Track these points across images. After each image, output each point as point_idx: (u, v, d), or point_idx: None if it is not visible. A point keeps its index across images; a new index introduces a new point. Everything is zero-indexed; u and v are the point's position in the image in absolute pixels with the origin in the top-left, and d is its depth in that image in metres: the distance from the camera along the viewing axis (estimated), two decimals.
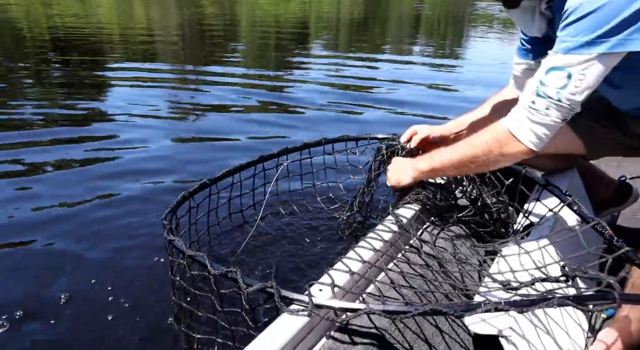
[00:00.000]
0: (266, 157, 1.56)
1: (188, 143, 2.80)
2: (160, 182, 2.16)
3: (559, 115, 0.96)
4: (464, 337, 0.99)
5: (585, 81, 0.91)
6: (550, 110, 0.95)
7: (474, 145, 1.09)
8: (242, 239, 1.52)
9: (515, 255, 1.08)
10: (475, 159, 1.08)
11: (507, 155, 1.04)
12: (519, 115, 1.01)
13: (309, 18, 12.21)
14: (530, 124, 0.99)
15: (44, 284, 1.42)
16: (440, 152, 1.20)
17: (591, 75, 0.91)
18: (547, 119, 0.96)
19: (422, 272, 1.04)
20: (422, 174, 1.24)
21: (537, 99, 0.96)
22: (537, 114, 0.97)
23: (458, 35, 10.72)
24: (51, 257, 1.55)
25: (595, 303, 0.73)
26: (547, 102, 0.95)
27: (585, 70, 0.90)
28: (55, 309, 1.31)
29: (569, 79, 0.92)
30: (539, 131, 0.99)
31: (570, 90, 0.92)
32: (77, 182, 2.14)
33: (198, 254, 0.93)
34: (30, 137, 2.69)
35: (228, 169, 1.45)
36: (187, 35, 8.13)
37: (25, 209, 1.86)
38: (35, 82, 4.19)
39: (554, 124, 0.97)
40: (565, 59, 0.92)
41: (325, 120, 3.34)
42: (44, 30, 7.48)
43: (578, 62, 0.90)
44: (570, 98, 0.93)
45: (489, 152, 1.05)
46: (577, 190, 1.37)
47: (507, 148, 1.03)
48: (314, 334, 0.81)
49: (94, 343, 1.20)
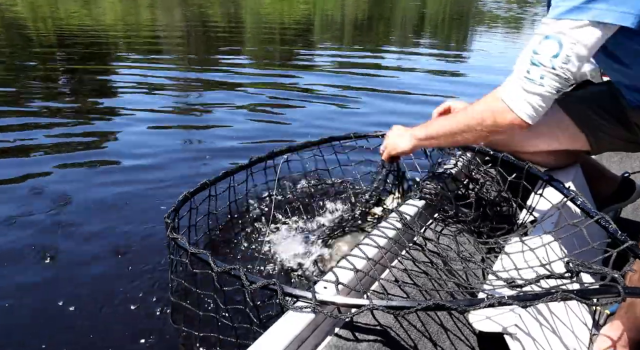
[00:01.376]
0: (264, 156, 1.55)
1: (191, 141, 2.81)
2: (160, 182, 2.17)
3: (554, 85, 0.94)
4: (468, 334, 0.99)
5: (577, 50, 0.90)
6: (544, 79, 0.94)
7: (468, 115, 1.08)
8: (245, 238, 1.52)
9: (519, 252, 1.08)
10: (469, 128, 1.07)
11: (501, 126, 1.02)
12: (513, 86, 0.99)
13: (313, 18, 12.26)
14: (525, 95, 0.97)
15: (39, 282, 1.42)
16: (438, 120, 1.21)
17: (582, 44, 0.90)
18: (541, 89, 0.95)
19: (426, 270, 1.04)
20: (419, 141, 1.23)
21: (532, 67, 0.95)
22: (531, 83, 0.95)
23: (463, 33, 10.72)
24: (47, 258, 1.56)
25: (600, 297, 0.73)
26: (542, 71, 0.93)
27: (576, 38, 0.90)
28: (52, 308, 1.31)
29: (560, 48, 0.91)
30: (534, 102, 0.97)
31: (562, 58, 0.91)
32: (78, 179, 2.16)
33: (201, 251, 0.93)
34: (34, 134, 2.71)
35: (227, 170, 1.45)
36: (192, 35, 8.16)
37: (21, 207, 1.87)
38: (41, 80, 4.22)
39: (548, 94, 0.96)
40: (557, 27, 0.91)
41: (329, 118, 3.35)
42: (49, 30, 7.52)
43: (569, 29, 0.90)
44: (563, 67, 0.92)
45: (482, 121, 1.04)
46: (580, 186, 1.37)
47: (500, 119, 1.01)
48: (319, 331, 0.81)
49: (94, 342, 1.20)
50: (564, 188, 1.11)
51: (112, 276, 1.46)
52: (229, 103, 3.69)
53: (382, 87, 4.41)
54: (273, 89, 4.23)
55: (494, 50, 7.48)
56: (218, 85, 4.37)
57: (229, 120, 3.26)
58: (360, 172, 1.85)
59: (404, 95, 4.21)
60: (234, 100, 3.79)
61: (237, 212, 1.64)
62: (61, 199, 1.95)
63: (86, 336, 1.22)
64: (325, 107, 3.68)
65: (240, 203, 1.63)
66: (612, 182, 1.53)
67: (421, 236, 1.11)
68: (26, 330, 1.24)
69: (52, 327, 1.25)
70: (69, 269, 1.50)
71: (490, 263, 1.16)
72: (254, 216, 1.69)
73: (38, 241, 1.64)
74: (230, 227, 1.62)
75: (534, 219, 1.18)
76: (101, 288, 1.41)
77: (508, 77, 1.02)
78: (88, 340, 1.21)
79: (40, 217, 1.81)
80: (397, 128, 1.33)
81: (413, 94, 4.22)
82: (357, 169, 1.82)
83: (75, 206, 1.91)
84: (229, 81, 4.51)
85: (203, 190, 1.38)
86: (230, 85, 4.36)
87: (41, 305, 1.33)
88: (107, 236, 1.69)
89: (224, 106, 3.61)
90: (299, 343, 0.76)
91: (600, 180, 1.52)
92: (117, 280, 1.44)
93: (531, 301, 0.72)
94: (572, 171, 1.39)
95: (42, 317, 1.28)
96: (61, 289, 1.40)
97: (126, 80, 4.37)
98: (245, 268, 0.84)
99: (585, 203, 1.04)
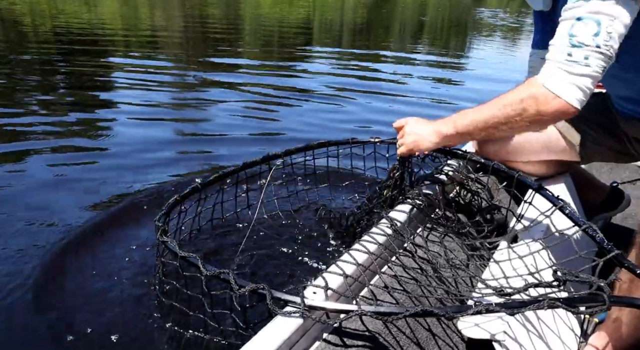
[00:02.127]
0: (259, 160, 1.54)
1: (188, 141, 2.81)
2: (154, 183, 2.16)
3: (600, 63, 0.91)
4: (457, 341, 0.99)
5: (615, 25, 0.89)
6: (590, 59, 0.91)
7: (505, 104, 1.01)
8: (235, 243, 1.51)
9: (508, 259, 1.09)
10: (507, 119, 1.01)
11: (546, 114, 0.97)
12: (554, 71, 0.94)
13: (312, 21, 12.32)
14: (571, 78, 0.93)
15: (22, 283, 1.41)
16: (464, 114, 1.11)
17: (619, 20, 0.89)
18: (588, 69, 0.91)
19: (416, 276, 1.04)
20: (446, 139, 1.14)
21: (574, 50, 0.91)
22: (576, 65, 0.92)
23: (461, 39, 10.82)
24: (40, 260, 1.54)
25: (586, 305, 0.74)
26: (585, 51, 0.91)
27: (612, 14, 0.88)
28: (37, 308, 1.30)
29: (599, 26, 0.89)
30: (582, 84, 0.93)
31: (604, 36, 0.89)
32: (72, 177, 2.15)
33: (191, 255, 0.93)
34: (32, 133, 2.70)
35: (219, 173, 1.43)
36: (190, 35, 8.17)
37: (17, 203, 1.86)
38: (38, 77, 4.20)
39: (596, 74, 0.92)
40: (589, 6, 0.89)
41: (325, 122, 3.36)
42: (48, 27, 7.48)
43: (602, 6, 0.88)
44: (607, 43, 0.90)
45: (523, 111, 0.98)
46: (570, 195, 1.38)
47: (546, 106, 0.96)
48: (308, 336, 0.81)
49: (80, 344, 1.19)
50: (554, 197, 1.12)
51: (98, 276, 1.45)
52: (225, 102, 3.71)
53: (379, 90, 4.45)
54: (269, 90, 4.25)
55: (491, 55, 7.57)
56: (214, 84, 4.38)
57: (224, 120, 3.26)
58: (353, 178, 1.85)
59: (401, 97, 4.24)
60: (229, 99, 3.80)
61: (228, 216, 1.64)
62: (47, 196, 1.94)
63: (73, 336, 1.21)
64: (321, 107, 3.70)
65: (231, 207, 1.63)
66: (602, 192, 1.55)
67: (411, 243, 1.11)
68: (21, 327, 1.23)
69: (40, 328, 1.24)
70: (54, 268, 1.48)
71: (479, 271, 1.17)
72: (245, 221, 1.68)
73: (19, 240, 1.62)
74: (221, 232, 1.61)
75: (524, 227, 1.19)
76: (87, 288, 1.39)
77: (541, 68, 0.98)
78: (74, 341, 1.20)
79: (25, 214, 1.80)
80: (416, 121, 1.22)
81: (410, 97, 4.26)
82: (354, 172, 1.81)
83: (64, 203, 1.90)
84: (225, 81, 4.51)
85: (194, 194, 1.38)
86: (227, 85, 4.36)
87: (24, 306, 1.31)
88: (96, 235, 1.67)
89: (220, 105, 3.63)
90: (288, 348, 0.76)
91: (590, 189, 1.53)
92: (104, 281, 1.42)
93: (519, 308, 0.72)
94: (562, 180, 1.41)
95: (24, 318, 1.27)
96: (46, 290, 1.38)
97: (122, 77, 4.37)
98: (234, 272, 0.84)
99: (573, 212, 1.05)
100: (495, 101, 1.05)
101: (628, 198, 1.54)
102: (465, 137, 1.14)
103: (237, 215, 1.64)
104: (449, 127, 1.13)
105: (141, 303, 1.32)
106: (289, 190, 1.76)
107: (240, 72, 5.07)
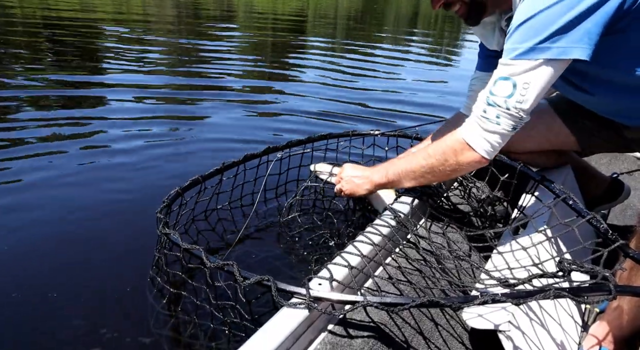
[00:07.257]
0: (259, 153, 1.54)
1: (184, 134, 2.79)
2: (150, 176, 2.14)
3: (509, 124, 0.97)
4: (461, 332, 1.00)
5: (531, 89, 0.92)
6: (500, 118, 0.97)
7: (429, 155, 1.10)
8: (236, 235, 1.51)
9: (512, 251, 1.09)
10: (432, 169, 1.10)
11: (463, 164, 1.05)
12: (472, 125, 1.03)
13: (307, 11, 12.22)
14: (483, 133, 1.01)
15: (20, 274, 1.39)
16: (394, 163, 1.20)
17: (536, 84, 0.92)
18: (498, 127, 0.98)
19: (420, 268, 1.04)
20: (378, 186, 1.24)
21: (488, 108, 0.98)
22: (488, 122, 0.99)
23: (455, 31, 10.76)
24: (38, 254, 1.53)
25: (592, 295, 0.74)
26: (497, 111, 0.97)
27: (529, 78, 0.92)
28: (34, 302, 1.28)
29: (514, 88, 0.93)
30: (492, 139, 1.01)
31: (516, 98, 0.94)
32: (67, 170, 2.12)
33: (194, 247, 0.92)
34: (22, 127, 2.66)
35: (219, 166, 1.43)
36: (183, 23, 8.09)
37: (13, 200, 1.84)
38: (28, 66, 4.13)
39: (505, 132, 0.99)
40: (510, 68, 0.93)
41: (320, 115, 3.34)
42: (37, 17, 7.38)
43: (522, 71, 0.92)
44: (517, 106, 0.94)
45: (444, 161, 1.07)
46: (571, 187, 1.38)
47: (462, 157, 1.04)
48: (314, 328, 0.81)
49: (81, 338, 1.18)
50: (556, 188, 1.13)
51: (98, 269, 1.43)
52: (220, 97, 3.67)
53: (374, 87, 4.43)
54: (263, 81, 4.21)
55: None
56: (208, 77, 4.33)
57: (220, 114, 3.23)
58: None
59: (394, 94, 4.23)
60: (224, 95, 3.76)
61: (230, 208, 1.63)
62: (43, 192, 1.91)
63: (73, 330, 1.20)
64: (315, 99, 3.68)
65: (233, 199, 1.62)
66: (602, 183, 1.56)
67: (415, 234, 1.11)
68: (18, 325, 1.22)
69: (40, 323, 1.23)
70: (52, 263, 1.47)
71: (483, 262, 1.17)
72: (246, 213, 1.68)
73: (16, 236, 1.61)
74: (221, 224, 1.61)
75: (526, 218, 1.19)
76: (88, 281, 1.38)
77: (467, 118, 1.05)
78: (74, 334, 1.19)
79: (25, 209, 1.78)
80: (352, 168, 1.31)
81: (402, 93, 4.26)
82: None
83: (60, 199, 1.88)
84: (219, 73, 4.46)
85: (195, 186, 1.37)
86: (221, 78, 4.31)
87: (23, 299, 1.30)
88: (94, 229, 1.66)
89: (215, 100, 3.59)
90: (294, 340, 0.76)
91: (590, 180, 1.54)
92: (105, 273, 1.41)
93: (525, 299, 0.73)
94: (563, 172, 1.41)
95: (24, 312, 1.26)
96: (42, 283, 1.37)
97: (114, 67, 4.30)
98: (238, 264, 0.84)
99: (577, 203, 1.05)
100: (421, 151, 1.14)
101: (628, 189, 1.55)
102: (396, 184, 1.21)
103: (239, 208, 1.64)
104: (381, 176, 1.21)
105: (143, 296, 1.31)
106: (288, 181, 1.76)
107: (234, 62, 5.03)
